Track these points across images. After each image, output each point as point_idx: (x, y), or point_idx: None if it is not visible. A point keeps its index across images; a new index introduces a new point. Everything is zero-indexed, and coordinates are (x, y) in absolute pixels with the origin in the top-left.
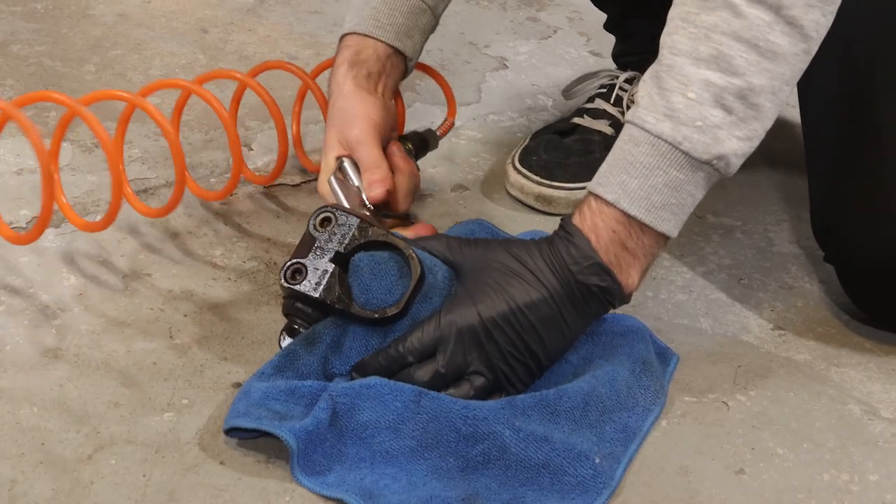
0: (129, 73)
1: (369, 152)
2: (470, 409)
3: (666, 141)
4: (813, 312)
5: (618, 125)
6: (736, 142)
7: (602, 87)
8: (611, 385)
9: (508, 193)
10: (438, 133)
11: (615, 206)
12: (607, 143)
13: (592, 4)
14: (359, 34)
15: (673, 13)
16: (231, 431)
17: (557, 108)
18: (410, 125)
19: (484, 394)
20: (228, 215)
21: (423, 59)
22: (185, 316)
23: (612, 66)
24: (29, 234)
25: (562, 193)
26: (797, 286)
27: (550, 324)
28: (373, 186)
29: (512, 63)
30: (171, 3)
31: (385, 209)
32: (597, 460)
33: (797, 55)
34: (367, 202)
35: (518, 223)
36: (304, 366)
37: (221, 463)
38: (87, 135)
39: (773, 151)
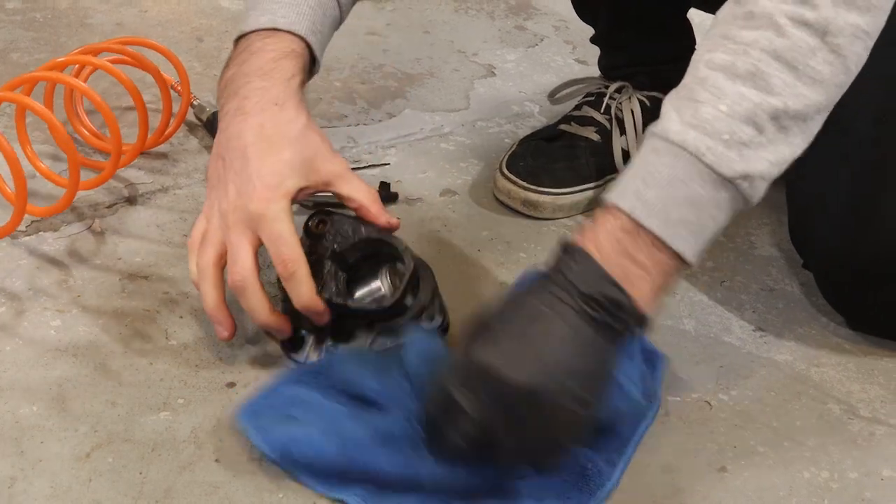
0: None
1: (360, 183)
2: None
3: (689, 151)
4: (793, 314)
5: (604, 132)
6: (764, 164)
7: (590, 94)
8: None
9: (496, 198)
10: None
11: (626, 215)
12: (593, 149)
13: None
14: (301, 38)
15: (712, 32)
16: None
17: (544, 115)
18: (403, 130)
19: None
20: None
21: (415, 66)
22: (181, 317)
23: (597, 73)
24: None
25: (547, 199)
26: (778, 288)
27: (577, 351)
28: (390, 219)
29: (499, 70)
30: (166, 13)
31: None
32: (589, 465)
33: (836, 87)
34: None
35: (505, 227)
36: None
37: (216, 461)
38: None
39: None
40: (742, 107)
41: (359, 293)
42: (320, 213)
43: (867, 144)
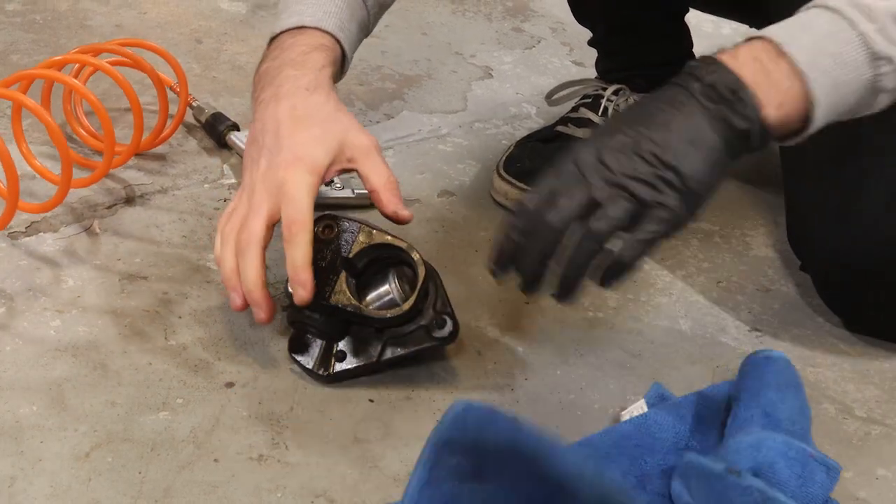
0: None
1: (381, 165)
2: None
3: (847, 20)
4: (789, 314)
5: None
6: None
7: (587, 96)
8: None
9: (493, 199)
10: None
11: (772, 42)
12: None
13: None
14: (330, 34)
15: None
16: None
17: (541, 116)
18: (401, 131)
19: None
20: None
21: (412, 68)
22: (180, 318)
23: (594, 75)
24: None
25: None
26: (774, 289)
27: (672, 125)
28: (399, 210)
29: (497, 72)
30: (165, 14)
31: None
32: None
33: None
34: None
35: None
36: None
37: (215, 460)
38: None
39: (749, 157)
40: None
41: (368, 298)
42: (327, 218)
43: (858, 144)
